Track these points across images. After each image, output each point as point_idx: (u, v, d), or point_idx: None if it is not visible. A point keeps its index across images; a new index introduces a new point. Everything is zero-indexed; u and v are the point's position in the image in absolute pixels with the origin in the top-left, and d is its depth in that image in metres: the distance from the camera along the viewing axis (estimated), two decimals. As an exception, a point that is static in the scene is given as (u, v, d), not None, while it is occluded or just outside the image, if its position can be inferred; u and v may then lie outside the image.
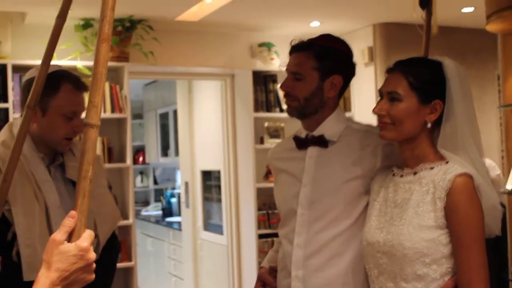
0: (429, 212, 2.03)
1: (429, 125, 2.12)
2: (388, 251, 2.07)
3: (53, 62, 2.27)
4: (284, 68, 2.47)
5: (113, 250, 2.63)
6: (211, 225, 7.02)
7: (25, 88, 2.43)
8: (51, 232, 2.30)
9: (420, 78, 2.10)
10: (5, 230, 2.30)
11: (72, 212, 1.42)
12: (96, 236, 2.44)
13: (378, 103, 2.17)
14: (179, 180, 8.44)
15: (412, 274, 2.03)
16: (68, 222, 1.41)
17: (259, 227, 6.10)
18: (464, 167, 2.05)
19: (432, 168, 2.09)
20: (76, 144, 2.57)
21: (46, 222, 2.35)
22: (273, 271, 2.51)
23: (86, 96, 2.00)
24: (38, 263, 1.42)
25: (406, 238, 2.02)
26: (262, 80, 6.17)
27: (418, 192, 2.08)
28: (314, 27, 5.91)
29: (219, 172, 6.66)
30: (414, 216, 2.04)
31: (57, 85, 2.40)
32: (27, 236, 2.28)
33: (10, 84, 5.03)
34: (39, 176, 2.39)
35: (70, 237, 1.41)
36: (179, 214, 8.19)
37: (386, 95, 2.14)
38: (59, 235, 1.40)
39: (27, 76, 2.50)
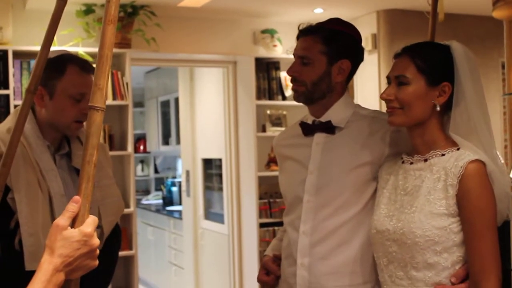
0: (440, 199, 2.00)
1: (438, 108, 2.09)
2: (398, 239, 2.04)
3: (54, 48, 2.26)
4: (287, 55, 2.44)
5: (116, 240, 2.61)
6: (212, 214, 7.01)
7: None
8: (53, 221, 2.28)
9: (427, 61, 2.08)
10: (8, 218, 2.27)
11: (76, 197, 1.40)
12: (100, 226, 2.42)
13: (386, 89, 2.14)
14: (180, 169, 8.43)
15: (423, 263, 2.01)
16: (72, 207, 1.40)
17: (260, 216, 6.07)
18: (476, 153, 2.02)
19: (443, 154, 2.06)
20: (83, 132, 2.53)
21: (49, 211, 2.33)
22: (277, 259, 2.49)
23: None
24: (41, 252, 1.40)
25: (417, 226, 2.00)
26: (265, 67, 6.12)
27: (429, 179, 2.05)
28: (318, 13, 5.87)
29: (220, 160, 6.63)
30: (425, 203, 2.02)
31: (63, 67, 2.38)
32: (30, 225, 2.26)
33: (11, 70, 4.99)
34: (43, 164, 2.37)
35: (73, 223, 1.40)
36: (179, 203, 8.18)
37: (394, 79, 2.12)
38: (62, 220, 1.38)
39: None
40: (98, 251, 1.43)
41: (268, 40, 6.14)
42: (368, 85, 6.06)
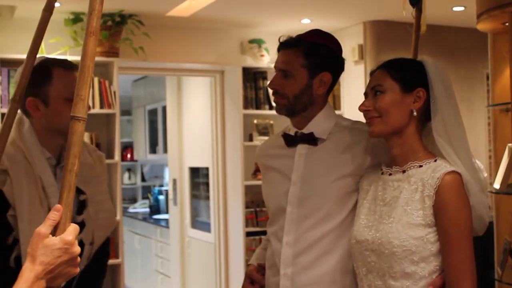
0: (417, 210, 2.05)
1: (414, 113, 2.13)
2: (377, 249, 2.08)
3: (55, 56, 2.24)
4: (273, 65, 2.45)
5: (105, 255, 2.61)
6: (199, 222, 7.01)
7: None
8: None
9: (401, 70, 2.16)
10: (6, 234, 2.24)
11: (57, 206, 1.42)
12: (92, 243, 2.42)
13: (363, 102, 2.21)
14: (167, 177, 8.42)
15: (401, 272, 2.04)
16: (53, 215, 1.41)
17: (246, 225, 6.08)
18: (455, 164, 2.07)
19: (420, 166, 2.11)
20: (83, 148, 2.51)
21: None
22: (261, 268, 2.51)
23: None
24: None
25: (394, 236, 2.04)
26: (252, 76, 6.15)
27: (407, 191, 2.09)
28: (305, 24, 5.91)
29: (207, 169, 6.64)
30: (402, 214, 2.06)
31: (48, 73, 2.35)
32: None
33: (-3, 78, 4.99)
34: (46, 180, 2.34)
35: (55, 231, 1.41)
36: (166, 212, 8.17)
37: (370, 91, 2.19)
38: (43, 228, 1.40)
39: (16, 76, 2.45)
40: (79, 259, 1.44)
41: (256, 50, 6.17)
42: (355, 96, 6.09)
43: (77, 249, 1.42)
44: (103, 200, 2.54)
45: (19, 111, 2.35)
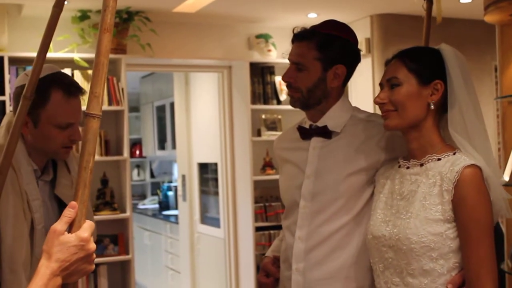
0: (436, 205, 1.99)
1: (432, 106, 2.08)
2: (394, 245, 2.03)
3: (50, 54, 2.19)
4: (282, 60, 2.43)
5: None
6: (208, 218, 7.02)
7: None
8: (33, 254, 2.19)
9: (417, 61, 2.09)
10: None
11: (73, 203, 1.42)
12: None
13: (378, 93, 2.15)
14: (176, 173, 8.43)
15: (419, 269, 1.99)
16: (69, 212, 1.41)
17: (256, 220, 6.09)
18: (473, 158, 2.01)
19: (439, 159, 2.05)
20: (72, 159, 2.43)
21: (30, 244, 2.22)
22: (276, 260, 2.49)
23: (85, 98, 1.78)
24: None
25: (412, 232, 1.99)
26: (260, 71, 6.15)
27: (425, 185, 2.04)
28: (312, 18, 5.89)
29: (216, 164, 6.65)
30: (420, 209, 2.00)
31: (46, 94, 2.22)
32: (14, 261, 2.15)
33: (7, 76, 5.01)
34: (30, 193, 2.25)
35: (70, 228, 1.41)
36: (176, 208, 8.19)
37: (386, 83, 2.12)
38: (59, 225, 1.40)
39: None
40: (95, 256, 1.44)
41: (263, 45, 6.16)
42: (362, 89, 6.09)
43: (93, 246, 1.43)
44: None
45: (11, 114, 2.30)
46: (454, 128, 2.08)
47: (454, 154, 2.05)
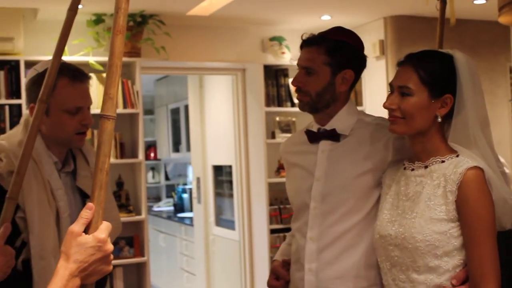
0: (440, 205, 2.04)
1: (439, 119, 2.12)
2: (400, 244, 2.09)
3: (65, 58, 2.21)
4: (295, 62, 2.46)
5: None
6: (223, 220, 7.03)
7: (31, 85, 2.35)
8: (61, 242, 2.22)
9: (431, 73, 2.10)
10: (14, 237, 2.17)
11: (90, 204, 1.44)
12: None
13: (388, 97, 2.17)
14: (191, 176, 8.45)
15: (424, 266, 2.05)
16: (86, 213, 1.43)
17: (271, 222, 6.10)
18: (475, 160, 2.06)
19: (443, 161, 2.10)
20: (89, 150, 2.49)
21: (57, 232, 2.28)
22: (286, 264, 2.53)
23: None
24: (50, 275, 1.41)
25: (417, 231, 2.04)
26: (273, 74, 6.16)
27: (429, 186, 2.09)
28: (325, 20, 5.90)
29: (230, 167, 6.66)
30: (425, 209, 2.06)
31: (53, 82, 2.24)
32: (42, 248, 2.21)
33: (23, 80, 5.05)
34: (53, 183, 2.32)
35: (87, 229, 1.43)
36: (190, 210, 8.21)
37: (397, 89, 2.14)
38: (77, 226, 1.41)
39: (30, 74, 2.41)
40: (112, 256, 1.46)
41: (277, 47, 6.18)
42: (377, 91, 6.09)
43: (110, 247, 1.44)
44: (111, 208, 2.50)
45: (28, 113, 2.34)
46: (454, 138, 2.13)
47: (457, 156, 2.09)
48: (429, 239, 2.02)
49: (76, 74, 2.35)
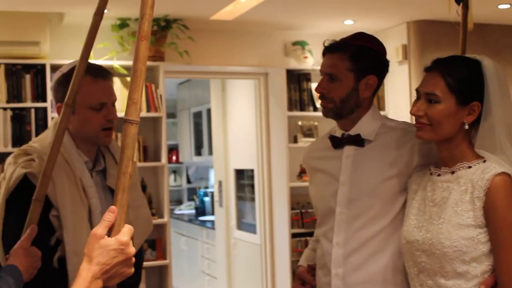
0: (468, 211, 2.03)
1: (466, 126, 2.10)
2: (428, 250, 2.08)
3: (90, 61, 2.26)
4: (318, 67, 2.46)
5: (140, 260, 2.61)
6: (245, 224, 7.04)
7: (57, 86, 2.42)
8: None
9: (458, 80, 2.08)
10: (48, 235, 2.25)
11: (112, 207, 1.45)
12: None
13: (415, 103, 2.16)
14: (212, 179, 8.47)
15: (452, 272, 2.04)
16: (109, 216, 1.44)
17: (292, 226, 6.10)
18: (502, 166, 2.04)
19: (470, 167, 2.09)
20: (117, 149, 2.52)
21: (90, 229, 2.29)
22: (311, 269, 2.53)
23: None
24: None
25: (445, 237, 2.03)
26: (296, 78, 6.17)
27: (457, 192, 2.08)
28: (348, 25, 5.90)
29: (252, 171, 6.67)
30: (453, 215, 2.05)
31: None
32: (76, 244, 2.25)
33: (48, 83, 5.10)
34: (85, 181, 2.37)
35: (110, 232, 1.44)
36: (212, 213, 8.22)
37: (424, 95, 2.13)
38: (99, 229, 1.43)
39: (56, 76, 2.47)
40: (134, 259, 1.47)
41: (299, 52, 6.18)
42: (399, 96, 6.07)
43: (132, 249, 1.45)
44: (141, 206, 2.56)
45: (55, 115, 2.38)
46: (481, 144, 2.12)
47: (484, 162, 2.08)
48: (456, 244, 2.01)
49: (99, 72, 2.41)
